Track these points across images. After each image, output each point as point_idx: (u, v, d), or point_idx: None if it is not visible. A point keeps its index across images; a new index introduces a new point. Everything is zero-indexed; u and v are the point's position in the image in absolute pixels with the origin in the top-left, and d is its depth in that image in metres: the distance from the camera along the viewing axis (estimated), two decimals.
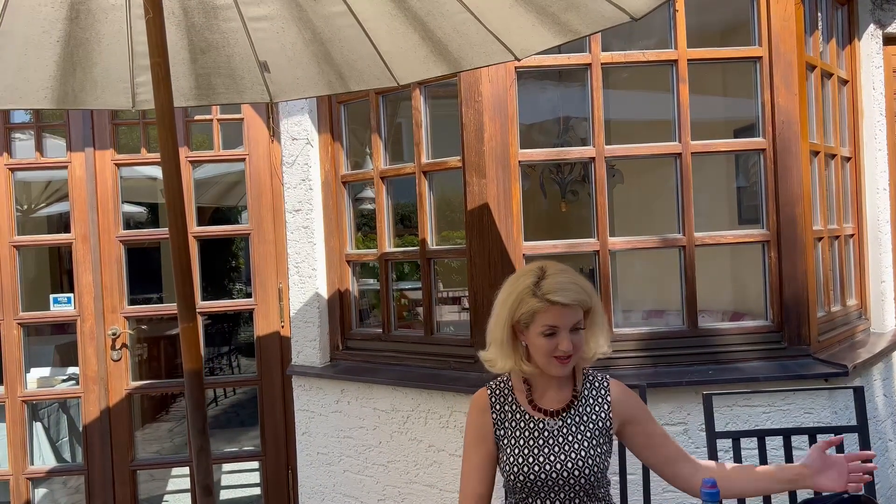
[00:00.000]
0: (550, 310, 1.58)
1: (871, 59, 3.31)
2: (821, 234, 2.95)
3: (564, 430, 1.66)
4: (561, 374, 1.65)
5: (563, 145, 4.10)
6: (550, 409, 1.69)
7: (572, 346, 1.59)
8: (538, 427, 1.67)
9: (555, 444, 1.64)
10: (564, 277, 1.62)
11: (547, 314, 1.58)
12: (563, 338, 1.58)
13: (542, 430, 1.67)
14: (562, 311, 1.58)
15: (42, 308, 3.71)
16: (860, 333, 3.21)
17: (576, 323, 1.60)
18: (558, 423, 1.67)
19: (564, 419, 1.67)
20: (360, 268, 3.42)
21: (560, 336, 1.59)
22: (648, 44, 3.16)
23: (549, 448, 1.64)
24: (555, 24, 1.92)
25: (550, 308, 1.58)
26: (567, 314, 1.59)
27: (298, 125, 3.25)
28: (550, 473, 1.62)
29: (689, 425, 2.58)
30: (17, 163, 3.64)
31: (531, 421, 1.68)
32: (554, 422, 1.67)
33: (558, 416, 1.68)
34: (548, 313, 1.58)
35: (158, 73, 1.63)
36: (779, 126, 2.69)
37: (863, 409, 2.03)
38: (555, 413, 1.68)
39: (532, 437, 1.66)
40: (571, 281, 1.62)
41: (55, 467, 4.00)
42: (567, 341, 1.58)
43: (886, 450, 3.13)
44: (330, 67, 2.25)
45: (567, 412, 1.68)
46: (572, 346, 1.59)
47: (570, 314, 1.59)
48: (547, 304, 1.58)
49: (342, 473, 3.13)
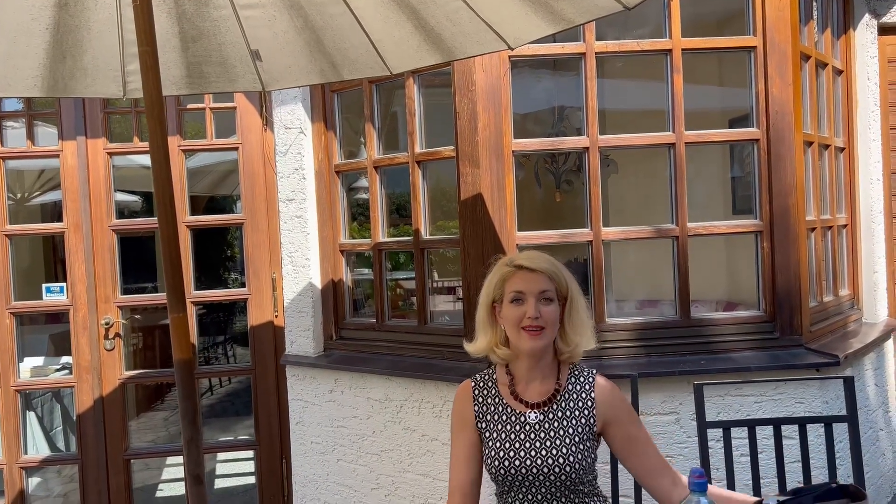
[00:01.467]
0: (517, 274, 1.66)
1: (866, 49, 3.30)
2: (814, 225, 2.95)
3: (546, 425, 1.65)
4: (532, 347, 1.64)
5: (558, 135, 4.09)
6: (532, 402, 1.68)
7: (540, 314, 1.62)
8: (519, 420, 1.67)
9: (536, 438, 1.64)
10: (536, 253, 1.71)
11: (513, 279, 1.66)
12: (529, 304, 1.63)
13: (522, 424, 1.66)
14: (528, 275, 1.65)
15: (36, 297, 3.70)
16: (852, 323, 3.22)
17: (543, 291, 1.64)
18: (539, 417, 1.66)
19: (546, 413, 1.66)
20: (354, 257, 3.41)
21: (527, 303, 1.63)
22: (643, 33, 3.15)
23: (531, 442, 1.64)
24: (548, 12, 1.90)
25: (517, 272, 1.66)
26: (533, 279, 1.64)
27: (291, 114, 3.24)
28: (531, 468, 1.62)
29: (680, 415, 2.59)
30: (8, 151, 3.62)
31: (512, 414, 1.68)
32: (535, 415, 1.66)
33: (540, 409, 1.67)
34: (514, 278, 1.66)
35: (147, 61, 1.61)
36: (773, 116, 2.69)
37: (853, 399, 2.03)
38: (536, 406, 1.68)
39: (514, 430, 1.66)
40: (542, 255, 1.70)
41: (49, 456, 4.00)
42: (533, 307, 1.62)
43: (877, 439, 3.15)
44: (322, 56, 2.23)
45: (549, 405, 1.67)
46: (539, 314, 1.62)
47: (537, 280, 1.64)
48: (514, 269, 1.67)
49: (336, 462, 3.14)
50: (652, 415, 2.59)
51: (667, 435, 2.60)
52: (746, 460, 2.10)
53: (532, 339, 1.63)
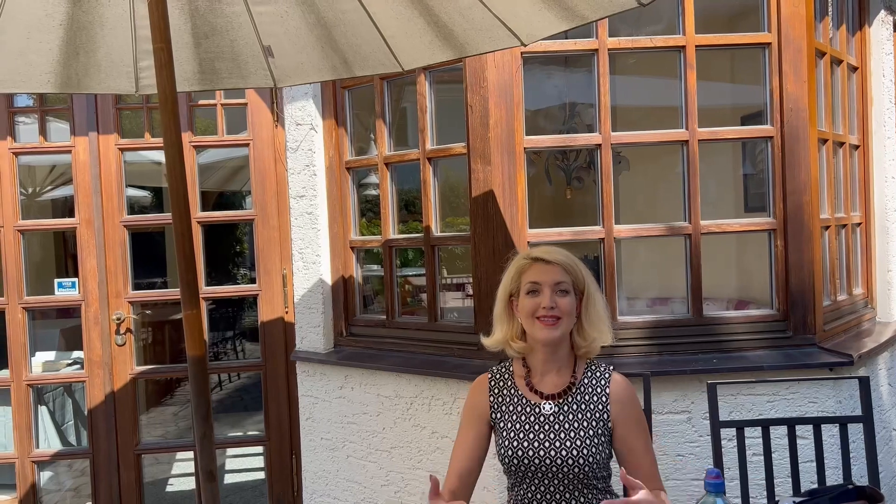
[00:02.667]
0: (533, 266, 1.71)
1: (882, 46, 3.27)
2: (828, 223, 2.93)
3: (561, 417, 1.67)
4: (546, 337, 1.66)
5: (570, 131, 4.07)
6: (547, 393, 1.71)
7: (556, 304, 1.65)
8: (534, 411, 1.69)
9: (550, 429, 1.65)
10: (553, 247, 1.76)
11: (530, 271, 1.71)
12: (545, 294, 1.66)
13: (537, 415, 1.68)
14: (544, 266, 1.70)
15: (47, 292, 3.72)
16: (866, 323, 3.19)
17: (558, 283, 1.68)
18: (554, 409, 1.68)
19: (561, 405, 1.68)
20: (364, 254, 3.41)
21: (542, 294, 1.66)
22: (656, 29, 3.13)
23: (545, 434, 1.65)
24: (561, 8, 1.89)
25: (533, 264, 1.72)
26: (549, 271, 1.69)
27: (302, 110, 3.23)
28: (544, 459, 1.64)
29: (692, 414, 2.58)
30: (20, 147, 3.63)
31: (528, 405, 1.70)
32: (550, 406, 1.68)
33: (555, 400, 1.69)
34: (531, 269, 1.71)
35: (161, 57, 1.61)
36: (787, 113, 2.66)
37: (868, 399, 2.02)
38: (551, 397, 1.70)
39: (528, 421, 1.68)
40: (559, 249, 1.75)
41: (60, 450, 4.02)
42: (548, 297, 1.65)
43: (890, 439, 3.13)
44: (334, 52, 2.22)
45: (564, 398, 1.69)
46: (555, 304, 1.65)
47: (553, 271, 1.69)
48: (531, 261, 1.73)
49: (345, 459, 3.14)
50: (664, 413, 2.58)
51: (678, 434, 2.59)
52: (759, 460, 2.09)
53: (547, 329, 1.66)
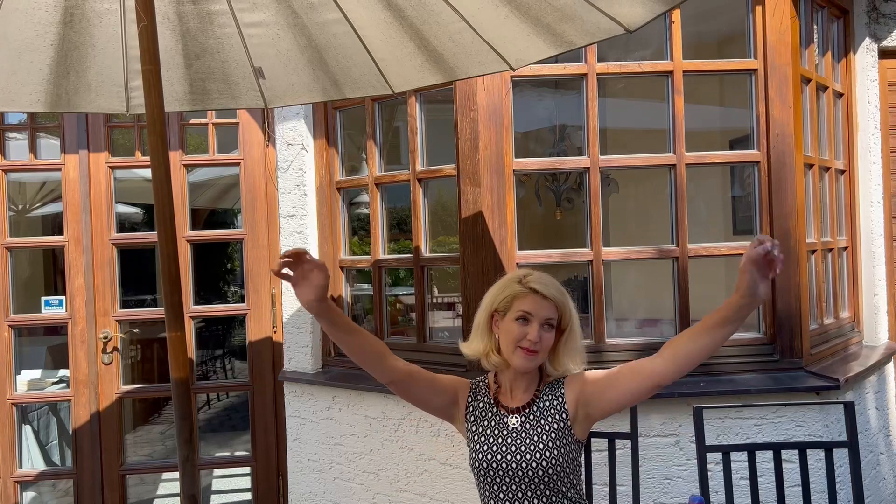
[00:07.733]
0: (528, 296, 1.71)
1: (867, 73, 3.31)
2: (814, 247, 2.95)
3: (527, 426, 1.74)
4: (523, 366, 1.72)
5: (559, 154, 4.10)
6: (512, 407, 1.78)
7: (540, 339, 1.69)
8: (502, 421, 1.77)
9: (517, 437, 1.73)
10: (549, 279, 1.77)
11: (524, 300, 1.71)
12: (533, 327, 1.69)
13: (505, 425, 1.76)
14: (539, 300, 1.70)
15: (36, 309, 3.69)
16: (853, 346, 3.21)
17: (548, 318, 1.71)
18: (520, 419, 1.75)
19: (526, 416, 1.76)
20: (353, 273, 3.41)
21: (531, 325, 1.69)
22: (644, 54, 3.16)
23: (512, 440, 1.73)
24: (550, 34, 1.91)
25: (529, 294, 1.71)
26: (543, 305, 1.70)
27: (294, 130, 3.25)
28: (511, 463, 1.71)
29: (680, 437, 2.58)
30: (10, 164, 3.63)
31: (497, 415, 1.79)
32: (516, 418, 1.76)
33: (520, 413, 1.77)
34: (525, 299, 1.71)
35: (150, 79, 1.62)
36: (773, 139, 2.69)
37: (853, 425, 2.02)
38: (517, 410, 1.77)
39: (497, 429, 1.76)
40: (554, 282, 1.76)
41: (44, 471, 3.97)
42: (536, 332, 1.69)
43: (878, 463, 3.13)
44: (325, 74, 2.24)
45: (528, 409, 1.76)
46: (539, 339, 1.69)
47: (546, 306, 1.70)
48: (527, 290, 1.72)
49: (332, 481, 3.12)
50: (651, 436, 2.58)
51: (666, 457, 2.58)
52: (746, 484, 2.08)
53: (525, 359, 1.71)
